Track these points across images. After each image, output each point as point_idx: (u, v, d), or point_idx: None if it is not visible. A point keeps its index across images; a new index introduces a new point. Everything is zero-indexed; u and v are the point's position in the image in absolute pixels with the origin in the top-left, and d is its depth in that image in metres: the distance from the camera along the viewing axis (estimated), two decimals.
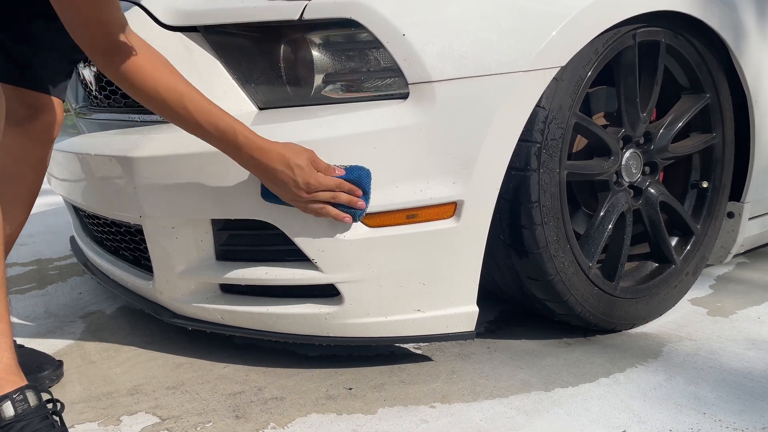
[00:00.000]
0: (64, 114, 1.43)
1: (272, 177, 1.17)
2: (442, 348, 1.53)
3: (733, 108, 1.68)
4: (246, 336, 1.48)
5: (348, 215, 1.23)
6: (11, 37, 1.20)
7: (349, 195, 1.21)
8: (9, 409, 0.99)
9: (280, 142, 1.18)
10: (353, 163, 1.23)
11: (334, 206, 1.21)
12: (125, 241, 1.60)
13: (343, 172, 1.21)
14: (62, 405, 1.10)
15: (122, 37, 1.08)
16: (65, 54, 1.34)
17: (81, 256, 1.92)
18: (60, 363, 1.46)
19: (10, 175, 1.34)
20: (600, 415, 1.22)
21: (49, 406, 1.07)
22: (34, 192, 1.40)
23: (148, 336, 1.67)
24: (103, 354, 1.58)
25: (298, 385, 1.38)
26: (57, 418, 1.07)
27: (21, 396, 1.01)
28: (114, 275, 1.66)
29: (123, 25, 1.09)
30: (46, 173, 1.47)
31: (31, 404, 1.01)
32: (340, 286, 1.31)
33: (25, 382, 1.04)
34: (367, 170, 1.22)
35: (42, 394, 1.06)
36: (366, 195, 1.23)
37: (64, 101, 1.37)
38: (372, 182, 1.23)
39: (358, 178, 1.22)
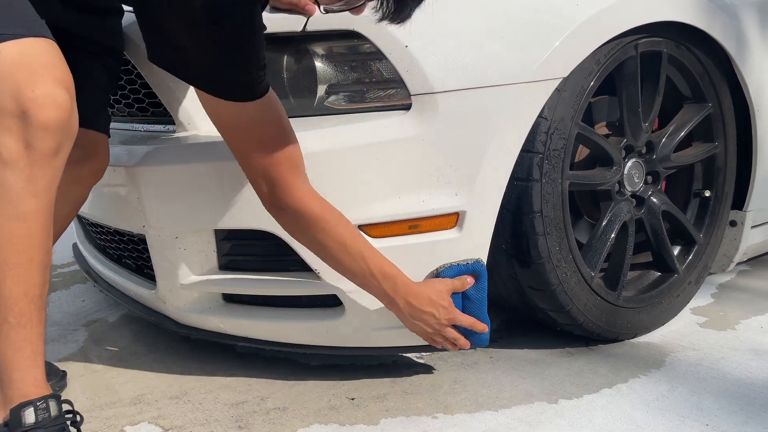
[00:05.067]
0: None
1: (420, 318, 1.25)
2: (445, 358, 1.53)
3: (736, 117, 1.68)
4: (248, 345, 1.48)
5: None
6: None
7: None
8: (30, 416, 1.03)
9: (424, 284, 1.26)
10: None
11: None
12: (128, 250, 1.60)
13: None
14: (81, 417, 1.14)
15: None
16: (108, 90, 1.34)
17: (84, 263, 1.92)
18: (64, 373, 1.46)
19: None
20: (603, 425, 1.22)
21: (69, 416, 1.11)
22: (65, 224, 1.38)
23: (151, 345, 1.67)
24: (105, 363, 1.58)
25: (300, 395, 1.38)
26: (74, 430, 1.10)
27: (44, 404, 1.05)
28: (117, 283, 1.66)
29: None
30: None
31: (52, 414, 1.05)
32: (342, 296, 1.31)
33: (50, 392, 1.08)
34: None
35: (64, 405, 1.10)
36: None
37: (109, 137, 1.37)
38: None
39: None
